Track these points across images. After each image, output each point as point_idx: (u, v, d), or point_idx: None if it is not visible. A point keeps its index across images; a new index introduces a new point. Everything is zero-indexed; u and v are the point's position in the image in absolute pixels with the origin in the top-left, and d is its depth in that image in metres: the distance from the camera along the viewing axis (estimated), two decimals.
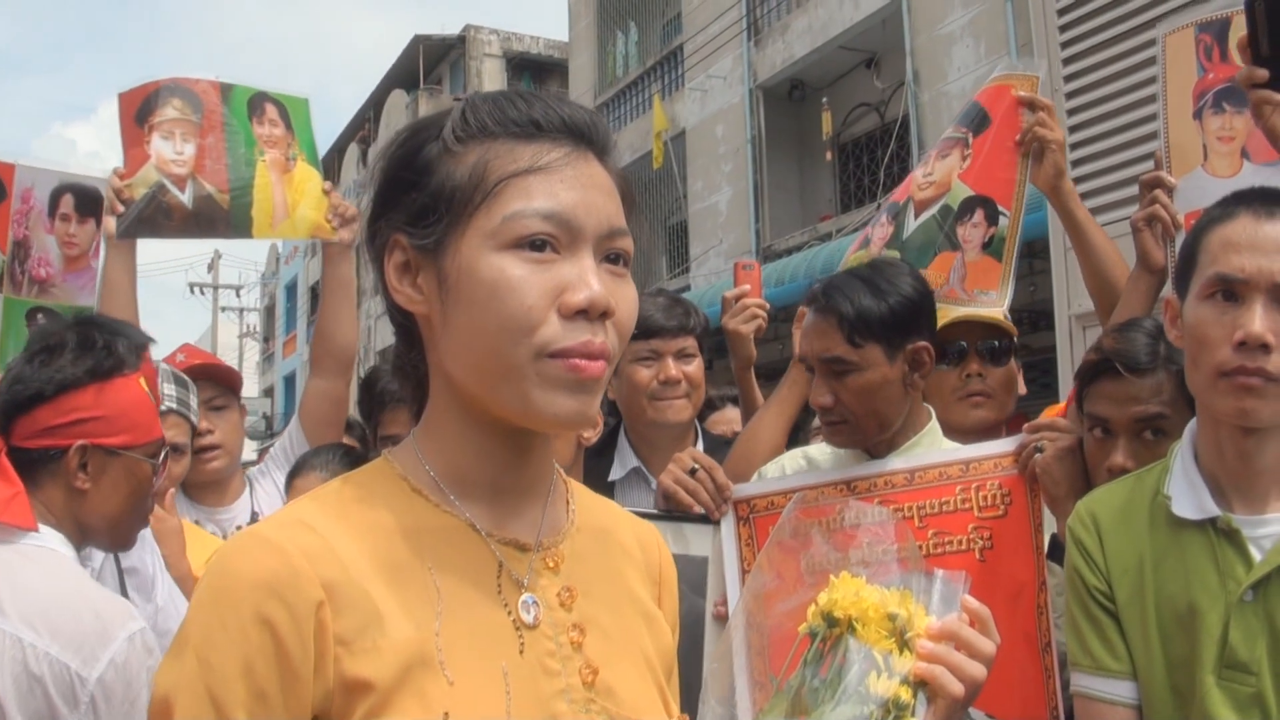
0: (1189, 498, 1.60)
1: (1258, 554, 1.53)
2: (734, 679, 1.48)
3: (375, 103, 28.07)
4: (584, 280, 0.96)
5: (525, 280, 0.95)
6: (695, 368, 2.58)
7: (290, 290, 34.91)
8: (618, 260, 1.01)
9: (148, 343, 2.27)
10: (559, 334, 0.95)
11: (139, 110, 2.93)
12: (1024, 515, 1.99)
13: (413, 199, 1.00)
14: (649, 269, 16.06)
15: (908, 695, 1.15)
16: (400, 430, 2.72)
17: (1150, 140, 4.06)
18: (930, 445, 2.12)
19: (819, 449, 2.28)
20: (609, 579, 1.11)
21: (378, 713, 0.91)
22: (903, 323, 2.04)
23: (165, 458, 1.93)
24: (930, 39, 11.25)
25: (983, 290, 2.44)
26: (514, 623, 1.00)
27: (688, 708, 1.20)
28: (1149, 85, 3.63)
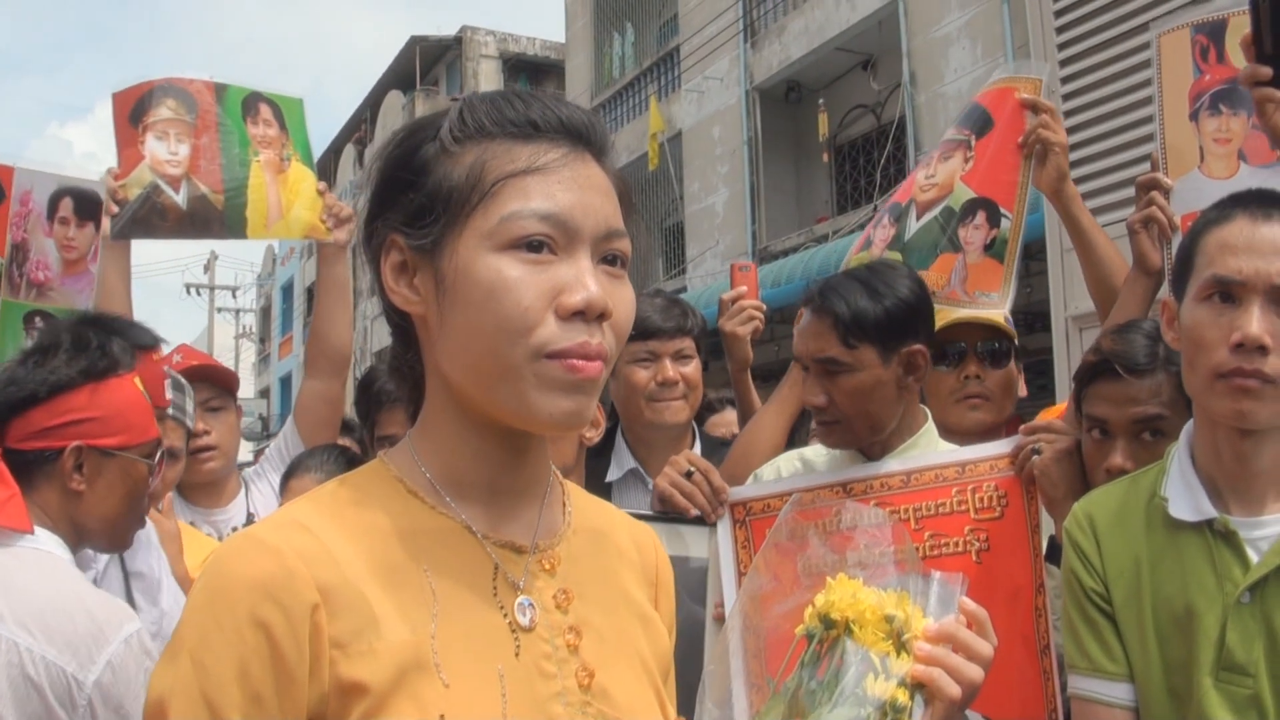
0: (1186, 499, 1.60)
1: (1255, 556, 1.53)
2: (731, 681, 1.47)
3: (372, 103, 28.10)
4: (581, 281, 0.95)
5: (522, 281, 0.94)
6: (693, 369, 2.58)
7: (286, 291, 34.89)
8: (615, 261, 1.00)
9: (157, 342, 2.26)
10: (556, 335, 0.94)
11: (133, 110, 2.93)
12: (1020, 517, 1.99)
13: (410, 199, 1.00)
14: (645, 270, 16.06)
15: (905, 697, 1.15)
16: (397, 430, 2.72)
17: (1147, 142, 4.06)
18: (927, 447, 2.12)
19: (815, 450, 2.28)
20: (605, 581, 1.10)
21: (373, 715, 0.90)
22: (898, 325, 2.03)
23: (161, 457, 1.93)
24: (927, 41, 11.26)
25: (984, 292, 2.44)
26: (510, 625, 0.99)
27: (685, 711, 1.19)
28: (1145, 87, 3.64)
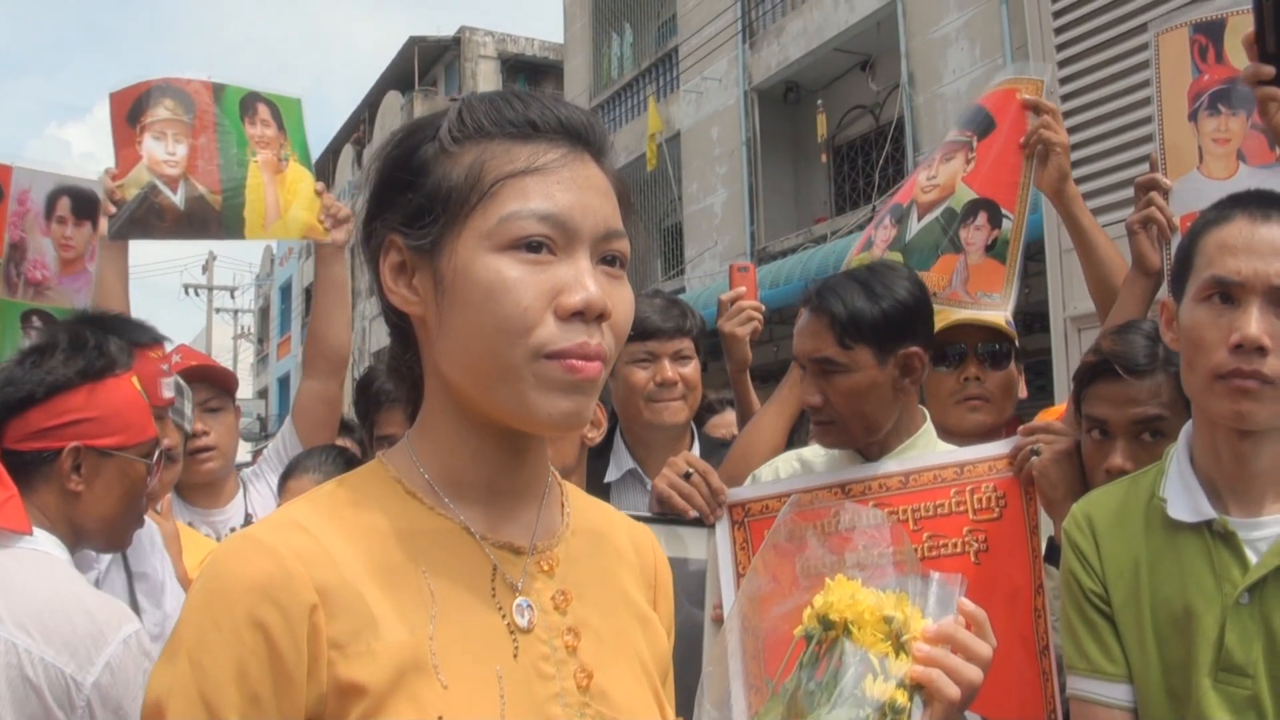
0: (1185, 500, 1.60)
1: (1254, 556, 1.53)
2: (730, 682, 1.47)
3: (370, 104, 28.09)
4: (580, 282, 0.95)
5: (521, 281, 0.94)
6: (691, 369, 2.58)
7: (285, 292, 34.87)
8: (614, 262, 1.00)
9: (159, 339, 2.26)
10: (555, 335, 0.94)
11: (130, 110, 2.92)
12: (1019, 518, 1.99)
13: (408, 199, 0.99)
14: (644, 271, 16.05)
15: (904, 698, 1.15)
16: (396, 430, 2.71)
17: (1146, 142, 4.07)
18: (925, 448, 2.12)
19: (813, 451, 2.28)
20: (604, 582, 1.10)
21: (371, 716, 0.90)
22: (895, 327, 2.03)
23: (159, 457, 1.93)
24: (925, 42, 11.26)
25: (985, 293, 2.44)
26: (508, 626, 0.99)
27: (684, 712, 1.19)
28: (1144, 88, 3.63)
